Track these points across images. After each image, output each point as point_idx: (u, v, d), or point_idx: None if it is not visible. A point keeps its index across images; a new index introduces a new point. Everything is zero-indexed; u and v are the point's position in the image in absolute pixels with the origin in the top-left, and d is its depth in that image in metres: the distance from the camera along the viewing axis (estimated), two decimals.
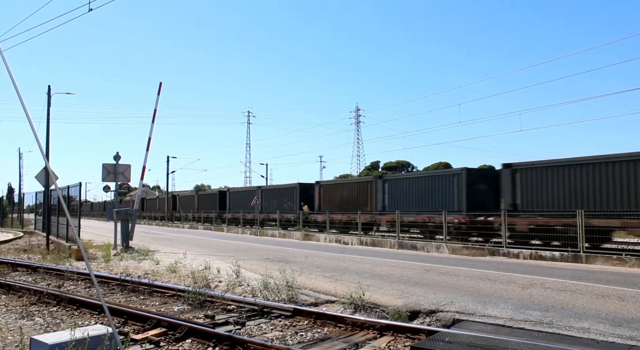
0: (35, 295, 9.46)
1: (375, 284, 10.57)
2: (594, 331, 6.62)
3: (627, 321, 7.15)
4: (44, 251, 18.95)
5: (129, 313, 7.59)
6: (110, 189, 21.65)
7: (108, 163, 19.84)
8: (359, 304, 8.45)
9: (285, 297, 9.03)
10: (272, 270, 12.32)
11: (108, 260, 15.52)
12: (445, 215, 19.80)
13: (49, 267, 13.36)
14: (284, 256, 17.10)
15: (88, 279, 11.65)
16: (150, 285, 10.36)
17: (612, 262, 14.29)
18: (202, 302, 8.81)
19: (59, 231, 21.06)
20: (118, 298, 9.61)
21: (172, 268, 13.34)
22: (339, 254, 17.93)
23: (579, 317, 7.37)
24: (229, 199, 43.26)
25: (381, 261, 15.45)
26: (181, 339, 6.47)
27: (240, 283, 10.86)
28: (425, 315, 7.91)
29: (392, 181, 26.12)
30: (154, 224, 52.90)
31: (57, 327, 7.28)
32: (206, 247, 21.69)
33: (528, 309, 7.94)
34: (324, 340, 6.48)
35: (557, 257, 15.52)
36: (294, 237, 28.18)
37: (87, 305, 8.45)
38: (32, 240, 25.50)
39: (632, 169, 15.87)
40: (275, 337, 6.63)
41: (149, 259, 16.03)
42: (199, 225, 42.82)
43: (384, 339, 6.55)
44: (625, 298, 8.99)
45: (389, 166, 76.26)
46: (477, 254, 17.69)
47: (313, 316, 7.60)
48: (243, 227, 35.61)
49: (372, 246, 22.33)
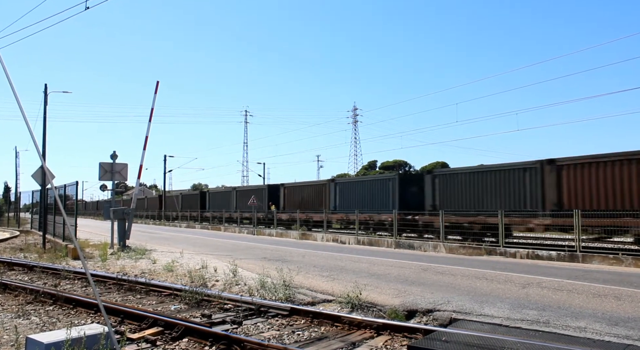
0: (31, 294, 9.43)
1: (372, 283, 10.57)
2: (590, 330, 6.63)
3: (624, 320, 7.17)
4: (40, 250, 18.90)
5: (126, 312, 7.58)
6: (107, 188, 21.63)
7: (105, 162, 19.79)
8: (356, 303, 8.45)
9: (283, 297, 9.03)
10: (269, 270, 12.31)
11: (105, 259, 15.48)
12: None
13: (45, 266, 13.32)
14: (281, 255, 17.09)
15: (84, 278, 11.62)
16: (147, 284, 10.35)
17: (608, 261, 14.33)
18: (199, 301, 8.79)
19: (55, 230, 21.02)
20: (115, 297, 9.59)
21: (169, 267, 13.32)
22: (336, 253, 17.93)
23: (575, 317, 7.39)
24: (208, 199, 46.56)
25: (378, 260, 15.46)
26: (178, 338, 6.45)
27: (237, 282, 10.85)
28: (422, 315, 7.92)
29: (342, 184, 29.63)
30: (150, 223, 52.85)
31: (53, 326, 7.27)
32: (203, 246, 21.66)
33: (525, 308, 7.95)
34: (320, 340, 6.48)
35: (553, 256, 15.55)
36: (291, 237, 28.18)
37: (84, 305, 8.43)
38: (28, 239, 25.43)
39: (519, 176, 19.27)
40: (272, 337, 6.62)
41: (146, 258, 16.00)
42: (197, 224, 42.84)
43: (381, 338, 6.55)
44: (621, 297, 9.01)
45: (386, 165, 76.21)
46: (473, 253, 17.71)
47: (310, 315, 7.59)
48: (240, 226, 35.62)
49: (369, 245, 22.34)
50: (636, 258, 13.93)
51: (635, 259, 13.89)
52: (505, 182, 19.85)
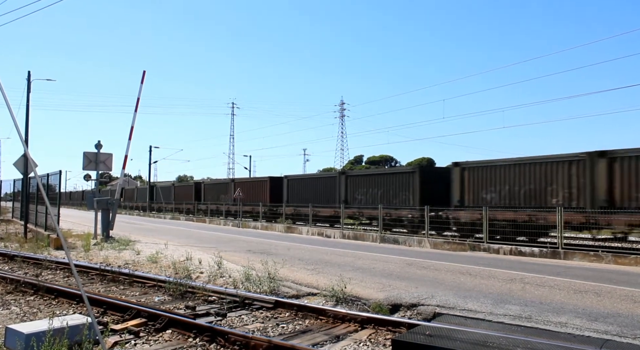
0: (11, 284, 9.30)
1: (357, 277, 10.60)
2: (571, 326, 6.74)
3: (603, 316, 7.29)
4: (21, 240, 18.63)
5: (109, 303, 7.51)
6: (90, 178, 21.35)
7: (89, 151, 19.52)
8: (340, 296, 8.47)
9: (267, 289, 9.02)
10: (254, 262, 12.28)
11: (88, 249, 15.32)
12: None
13: (27, 256, 13.13)
14: (265, 248, 17.07)
15: (67, 269, 11.49)
16: (130, 275, 10.26)
17: (589, 258, 14.55)
18: (183, 293, 8.75)
19: (37, 220, 20.72)
20: (97, 288, 9.50)
21: (153, 258, 13.22)
22: (322, 247, 17.96)
23: (556, 312, 7.50)
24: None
25: (363, 254, 15.51)
26: (161, 329, 6.41)
27: (222, 274, 10.81)
28: (406, 309, 7.97)
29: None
30: (134, 214, 52.38)
31: (34, 316, 7.17)
32: (188, 237, 21.54)
33: (507, 304, 8.04)
34: (305, 332, 6.49)
35: (536, 253, 15.74)
36: (277, 230, 28.14)
37: (66, 295, 8.33)
38: (9, 228, 25.02)
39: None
40: (257, 329, 6.61)
41: (130, 249, 15.86)
42: (181, 216, 42.54)
43: (365, 331, 6.58)
44: (601, 293, 9.17)
45: (372, 160, 76.42)
46: (458, 249, 17.86)
47: (294, 308, 7.59)
48: (225, 219, 35.47)
49: (354, 240, 22.41)
50: (616, 255, 14.18)
51: (615, 256, 14.14)
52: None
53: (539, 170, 18.06)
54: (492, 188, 19.47)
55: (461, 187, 20.52)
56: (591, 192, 16.49)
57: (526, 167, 18.45)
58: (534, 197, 18.07)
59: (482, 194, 19.80)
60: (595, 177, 16.42)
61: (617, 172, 15.98)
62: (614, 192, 16.03)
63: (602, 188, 16.26)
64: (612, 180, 16.07)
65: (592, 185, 16.47)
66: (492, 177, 19.54)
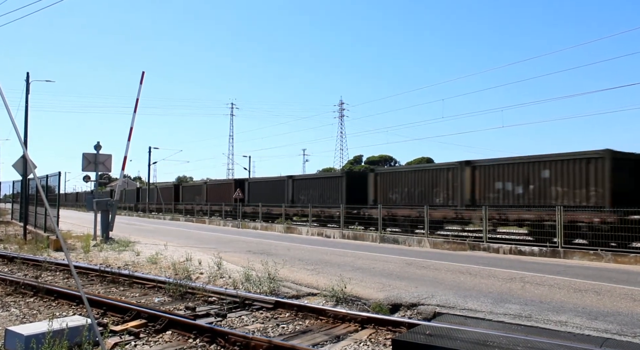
0: (11, 285, 9.28)
1: (357, 277, 10.60)
2: (571, 324, 6.74)
3: (603, 315, 7.30)
4: (21, 241, 18.60)
5: (109, 304, 7.50)
6: (90, 179, 21.33)
7: (88, 152, 19.52)
8: (340, 296, 8.47)
9: (267, 290, 9.01)
10: (254, 263, 12.28)
11: (87, 251, 15.30)
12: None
13: (26, 258, 13.12)
14: (265, 248, 17.06)
15: (66, 270, 11.47)
16: (130, 276, 10.25)
17: (589, 257, 14.56)
18: (183, 293, 8.74)
19: (37, 221, 20.69)
20: (97, 289, 9.49)
21: (153, 259, 13.21)
22: (321, 247, 17.96)
23: (556, 311, 7.50)
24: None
25: (363, 254, 15.51)
26: (161, 330, 6.41)
27: (222, 275, 10.80)
28: (406, 309, 7.97)
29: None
30: (134, 215, 52.35)
31: (34, 318, 7.16)
32: (187, 238, 21.53)
33: (507, 303, 8.04)
34: (305, 333, 6.48)
35: (536, 252, 15.75)
36: (276, 230, 28.14)
37: (66, 296, 8.32)
38: (8, 230, 25.00)
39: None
40: (257, 329, 6.61)
41: (130, 250, 15.85)
42: (180, 216, 42.54)
43: (365, 331, 6.58)
44: (601, 292, 9.17)
45: (371, 160, 76.45)
46: (457, 249, 17.87)
47: (295, 309, 7.59)
48: (225, 219, 35.53)
49: (353, 240, 22.42)
50: (615, 254, 14.19)
51: (615, 255, 14.15)
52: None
53: (428, 176, 22.61)
54: (396, 189, 24.14)
55: (375, 190, 25.24)
56: (461, 193, 20.73)
57: (420, 173, 23.20)
58: (424, 197, 22.37)
59: (389, 194, 24.46)
60: (463, 181, 20.61)
61: (477, 178, 20.12)
62: (475, 192, 20.15)
63: (467, 190, 20.45)
64: (474, 183, 20.22)
65: (462, 187, 20.71)
66: (396, 181, 24.15)
